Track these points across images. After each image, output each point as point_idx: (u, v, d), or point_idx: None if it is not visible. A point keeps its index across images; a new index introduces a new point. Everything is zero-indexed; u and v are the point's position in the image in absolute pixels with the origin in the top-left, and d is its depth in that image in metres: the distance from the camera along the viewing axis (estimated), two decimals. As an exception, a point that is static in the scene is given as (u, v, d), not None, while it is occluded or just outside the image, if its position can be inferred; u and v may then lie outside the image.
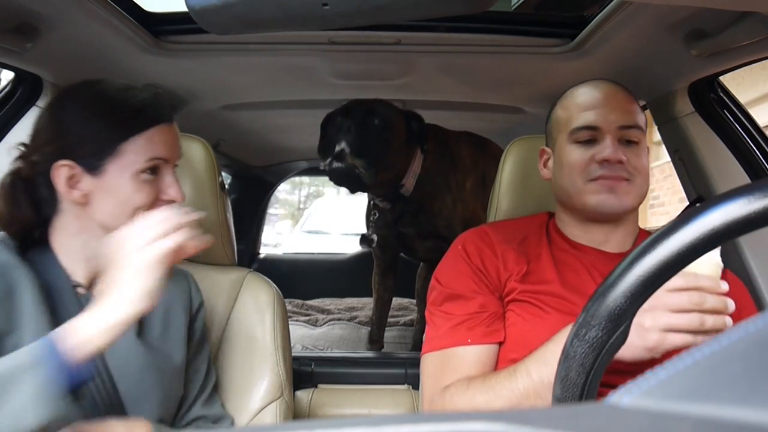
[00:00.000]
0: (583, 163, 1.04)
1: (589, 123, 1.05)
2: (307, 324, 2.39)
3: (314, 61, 1.54)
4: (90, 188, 0.91)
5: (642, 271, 0.47)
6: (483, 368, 1.02)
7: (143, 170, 0.91)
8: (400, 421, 0.22)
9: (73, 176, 0.90)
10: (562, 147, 1.09)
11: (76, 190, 0.90)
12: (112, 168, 0.90)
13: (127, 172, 0.91)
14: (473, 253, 1.09)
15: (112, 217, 0.91)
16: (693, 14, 1.14)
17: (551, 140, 1.14)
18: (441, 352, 1.04)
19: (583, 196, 1.04)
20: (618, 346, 0.50)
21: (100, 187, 0.91)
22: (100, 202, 0.91)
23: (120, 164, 0.90)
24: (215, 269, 1.30)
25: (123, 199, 0.91)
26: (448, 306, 1.07)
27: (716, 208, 0.43)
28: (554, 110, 1.14)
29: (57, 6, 1.11)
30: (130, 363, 0.95)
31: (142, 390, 0.95)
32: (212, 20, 0.52)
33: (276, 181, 3.42)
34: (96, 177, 0.90)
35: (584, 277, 1.05)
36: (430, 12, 0.55)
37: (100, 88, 0.95)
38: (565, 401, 0.51)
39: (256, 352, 1.22)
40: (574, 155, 1.06)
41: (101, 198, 0.91)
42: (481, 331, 1.03)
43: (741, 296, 1.08)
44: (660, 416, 0.23)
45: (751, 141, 1.44)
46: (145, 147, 0.92)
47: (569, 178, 1.06)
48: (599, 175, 1.03)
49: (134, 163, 0.91)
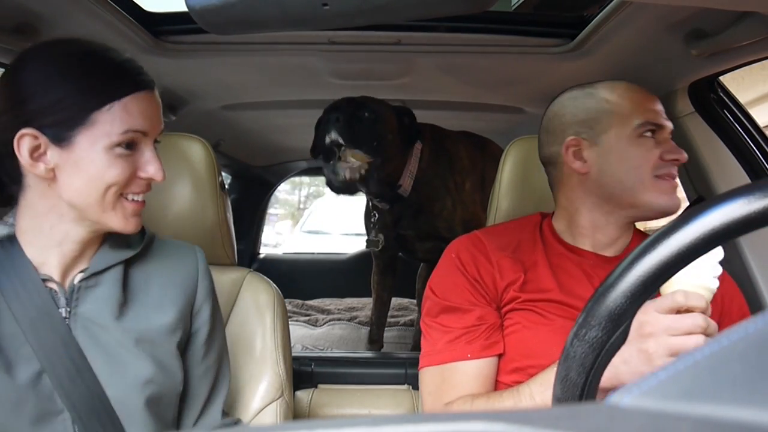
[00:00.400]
0: (653, 158, 1.01)
1: (656, 120, 1.03)
2: (307, 324, 2.40)
3: (314, 61, 1.54)
4: (57, 161, 0.80)
5: (642, 271, 0.47)
6: (484, 382, 1.01)
7: (118, 143, 0.81)
8: (400, 421, 0.22)
9: (38, 147, 0.79)
10: (619, 140, 1.03)
11: (40, 163, 0.80)
12: (83, 139, 0.80)
13: (99, 145, 0.80)
14: (468, 262, 1.06)
15: (82, 194, 0.81)
16: (693, 14, 1.13)
17: (592, 131, 1.05)
18: (440, 368, 1.03)
19: (650, 194, 1.01)
20: (618, 346, 0.50)
21: (69, 160, 0.80)
22: (68, 178, 0.81)
23: (92, 135, 0.80)
24: (215, 269, 1.29)
25: (94, 174, 0.81)
26: (444, 318, 1.04)
27: (716, 208, 0.43)
28: (599, 99, 1.06)
29: (57, 6, 1.11)
30: (107, 345, 0.85)
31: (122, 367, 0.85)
32: (212, 20, 0.52)
33: (276, 181, 3.42)
34: (64, 149, 0.80)
35: (583, 282, 1.03)
36: (430, 12, 0.55)
37: (71, 47, 0.83)
38: (565, 401, 0.51)
39: (256, 352, 1.22)
40: (640, 150, 1.02)
41: (69, 173, 0.80)
42: (480, 345, 1.01)
43: (734, 296, 1.08)
44: (660, 416, 0.23)
45: (751, 141, 1.44)
46: (121, 117, 0.81)
47: (636, 172, 1.01)
48: (667, 172, 1.02)
49: (108, 135, 0.80)
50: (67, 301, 0.85)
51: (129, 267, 0.91)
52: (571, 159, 1.06)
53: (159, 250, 0.96)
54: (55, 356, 0.81)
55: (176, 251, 0.97)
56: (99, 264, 0.87)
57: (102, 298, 0.86)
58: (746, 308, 1.08)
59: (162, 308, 0.91)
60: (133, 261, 0.91)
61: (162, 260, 0.94)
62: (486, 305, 1.04)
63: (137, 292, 0.90)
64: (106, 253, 0.89)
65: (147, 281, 0.91)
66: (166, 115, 1.78)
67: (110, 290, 0.87)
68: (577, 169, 1.06)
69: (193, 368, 0.95)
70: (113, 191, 0.82)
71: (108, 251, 0.89)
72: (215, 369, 0.99)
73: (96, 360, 0.84)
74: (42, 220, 0.84)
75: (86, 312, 0.85)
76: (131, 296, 0.89)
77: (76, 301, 0.85)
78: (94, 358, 0.84)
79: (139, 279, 0.91)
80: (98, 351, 0.85)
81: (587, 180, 1.05)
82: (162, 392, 0.87)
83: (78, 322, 0.85)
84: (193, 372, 0.95)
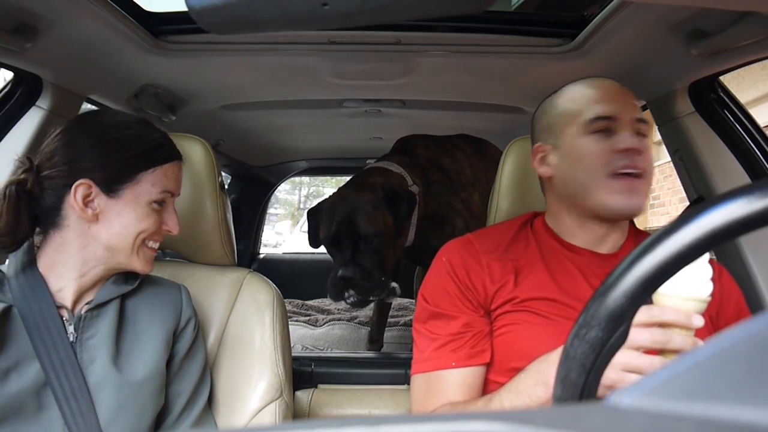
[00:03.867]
0: (603, 154, 0.98)
1: (607, 113, 1.00)
2: (307, 324, 2.39)
3: (314, 61, 1.54)
4: (103, 208, 0.97)
5: (642, 271, 0.47)
6: (468, 391, 1.00)
7: (155, 200, 1.00)
8: (400, 421, 0.22)
9: (90, 194, 0.96)
10: (573, 139, 1.02)
11: (89, 208, 0.97)
12: (128, 193, 0.98)
13: (142, 199, 0.99)
14: (458, 265, 1.05)
15: (118, 237, 0.98)
16: (693, 14, 1.14)
17: (553, 135, 1.06)
18: (426, 375, 1.02)
19: (601, 193, 0.98)
20: (618, 346, 0.50)
21: (114, 208, 0.98)
22: (108, 222, 0.98)
23: (136, 191, 0.99)
24: (215, 269, 1.30)
25: (131, 222, 0.99)
26: (432, 325, 1.04)
27: (716, 208, 0.43)
28: (556, 104, 1.07)
29: (56, 6, 1.11)
30: (105, 382, 0.97)
31: (117, 406, 0.97)
32: (212, 20, 0.52)
33: (276, 181, 3.42)
34: (111, 198, 0.97)
35: (579, 279, 1.02)
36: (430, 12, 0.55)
37: (118, 119, 1.04)
38: (565, 401, 0.51)
39: (256, 352, 1.22)
40: (590, 146, 0.99)
41: (111, 218, 0.98)
42: (465, 353, 1.00)
43: (732, 293, 1.07)
44: (660, 416, 0.23)
45: (751, 141, 1.44)
46: (160, 179, 1.00)
47: (587, 171, 0.99)
48: (622, 165, 0.97)
49: (149, 193, 0.99)
50: (75, 327, 0.99)
51: (125, 300, 1.05)
52: (537, 165, 1.09)
53: (149, 286, 1.10)
54: (61, 374, 0.94)
55: (164, 288, 1.11)
56: (103, 296, 1.02)
57: (103, 326, 1.00)
58: (743, 305, 1.07)
59: (148, 337, 1.04)
60: (128, 295, 1.06)
61: (151, 295, 1.09)
62: (472, 311, 1.03)
63: (130, 323, 1.04)
64: (109, 287, 1.03)
65: (138, 313, 1.06)
66: (166, 115, 1.79)
67: (109, 320, 1.01)
68: (543, 173, 1.08)
69: (169, 384, 1.07)
70: (141, 238, 1.00)
71: (111, 286, 1.03)
72: (190, 388, 1.09)
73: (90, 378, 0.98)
74: (74, 255, 0.99)
75: (89, 338, 0.99)
76: (126, 327, 1.04)
77: (82, 327, 0.99)
78: (89, 377, 0.98)
79: (132, 310, 1.06)
80: (94, 373, 0.97)
81: (554, 184, 1.07)
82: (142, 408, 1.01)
83: (82, 346, 0.98)
84: (170, 388, 1.07)
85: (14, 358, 0.93)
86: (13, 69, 1.30)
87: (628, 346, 0.73)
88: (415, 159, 1.95)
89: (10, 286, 0.97)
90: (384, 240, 1.72)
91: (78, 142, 0.99)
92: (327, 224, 1.76)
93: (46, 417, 0.93)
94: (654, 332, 0.74)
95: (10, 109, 1.34)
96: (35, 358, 0.94)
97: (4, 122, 1.33)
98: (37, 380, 0.93)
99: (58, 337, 0.96)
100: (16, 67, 1.27)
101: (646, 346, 0.74)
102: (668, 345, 0.73)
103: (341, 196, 1.77)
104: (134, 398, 0.99)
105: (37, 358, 0.94)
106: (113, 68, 1.44)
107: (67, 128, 1.02)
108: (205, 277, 1.27)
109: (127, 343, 1.02)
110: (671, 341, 0.73)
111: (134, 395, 0.99)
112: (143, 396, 1.00)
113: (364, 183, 1.78)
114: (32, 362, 0.94)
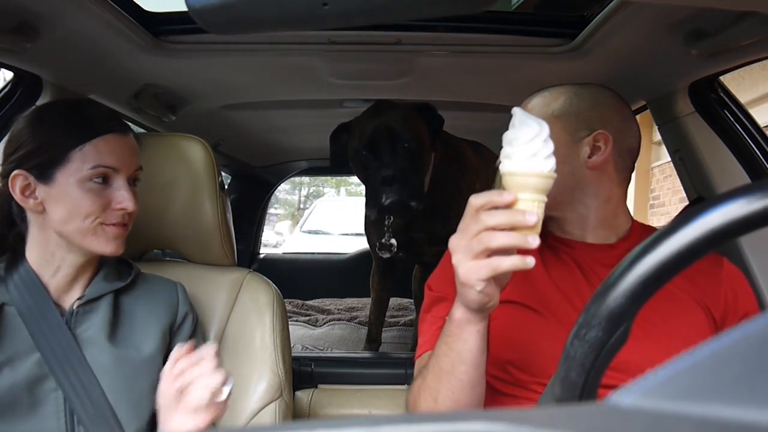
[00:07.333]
0: None
1: None
2: (307, 324, 2.39)
3: (314, 61, 1.54)
4: (44, 196, 0.96)
5: (642, 271, 0.47)
6: None
7: (89, 177, 0.96)
8: (400, 421, 0.22)
9: (28, 185, 0.96)
10: None
11: (30, 199, 0.96)
12: (61, 176, 0.95)
13: (72, 179, 0.95)
14: None
15: (65, 223, 0.96)
16: (693, 14, 1.13)
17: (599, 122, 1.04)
18: (426, 355, 1.02)
19: None
20: (618, 346, 0.50)
21: (52, 194, 0.96)
22: (53, 210, 0.96)
23: (67, 172, 0.95)
24: (215, 269, 1.30)
25: (73, 205, 0.95)
26: (436, 309, 1.06)
27: (716, 208, 0.43)
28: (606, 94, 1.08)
29: (57, 6, 1.11)
30: (108, 367, 0.98)
31: (123, 389, 0.98)
32: (212, 20, 0.52)
33: (276, 181, 3.42)
34: (47, 185, 0.95)
35: (575, 273, 1.02)
36: (430, 12, 0.55)
37: (55, 103, 1.03)
38: (565, 401, 0.51)
39: (256, 352, 1.22)
40: None
41: (54, 206, 0.96)
42: None
43: (738, 293, 1.06)
44: (660, 416, 0.23)
45: (751, 141, 1.44)
46: (92, 155, 0.96)
47: None
48: None
49: (79, 170, 0.95)
50: (67, 322, 0.99)
51: (119, 296, 1.05)
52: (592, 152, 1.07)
53: (145, 283, 1.10)
54: (66, 365, 0.95)
55: (159, 285, 1.11)
56: (94, 292, 1.02)
57: (98, 320, 1.00)
58: (753, 303, 1.04)
59: (144, 333, 1.04)
60: (122, 291, 1.06)
61: (146, 292, 1.09)
62: None
63: (125, 318, 1.04)
64: (100, 283, 1.03)
65: (133, 309, 1.05)
66: (166, 116, 1.79)
67: (103, 315, 1.01)
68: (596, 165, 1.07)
69: None
70: (91, 220, 0.96)
71: (102, 282, 1.03)
72: None
73: None
74: (43, 249, 0.99)
75: (83, 332, 0.99)
76: (121, 321, 1.03)
77: (75, 322, 0.99)
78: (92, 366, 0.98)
79: (127, 307, 1.05)
80: (94, 365, 0.98)
81: None
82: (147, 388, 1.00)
83: (77, 339, 0.98)
84: None
85: (7, 354, 0.93)
86: (13, 69, 1.29)
87: (459, 237, 0.77)
88: None
89: (5, 284, 0.97)
90: (421, 146, 1.72)
91: (16, 134, 0.98)
92: (360, 134, 1.73)
93: (40, 412, 0.94)
94: (465, 220, 0.77)
95: (10, 109, 1.34)
96: (30, 354, 0.94)
97: (4, 122, 1.33)
98: (29, 376, 0.94)
99: (57, 328, 0.96)
100: (16, 67, 1.27)
101: (469, 232, 0.76)
102: (487, 225, 0.75)
103: (371, 112, 1.76)
104: (131, 388, 0.99)
105: (34, 353, 0.94)
106: (113, 68, 1.44)
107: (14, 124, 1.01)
108: (204, 277, 1.27)
109: (122, 337, 1.02)
110: (483, 221, 0.75)
111: (130, 386, 0.99)
112: (139, 388, 0.99)
113: (391, 102, 1.78)
114: (26, 359, 0.94)
